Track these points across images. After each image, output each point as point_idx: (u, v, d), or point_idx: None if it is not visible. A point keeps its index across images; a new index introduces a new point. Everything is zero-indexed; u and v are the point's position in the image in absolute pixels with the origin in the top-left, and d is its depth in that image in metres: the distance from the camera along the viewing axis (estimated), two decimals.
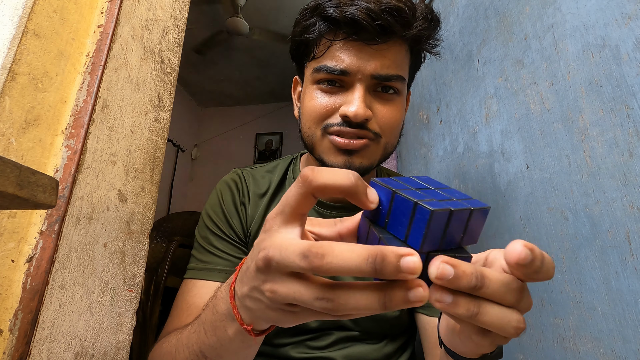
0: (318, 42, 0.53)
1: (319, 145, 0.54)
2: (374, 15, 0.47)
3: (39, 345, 0.38)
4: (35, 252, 0.40)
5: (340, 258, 0.21)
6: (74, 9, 0.47)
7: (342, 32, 0.50)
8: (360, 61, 0.50)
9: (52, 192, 0.26)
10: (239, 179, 0.65)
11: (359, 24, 0.48)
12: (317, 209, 0.62)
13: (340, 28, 0.50)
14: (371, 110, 0.51)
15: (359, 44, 0.50)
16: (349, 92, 0.51)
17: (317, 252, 0.21)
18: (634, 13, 0.48)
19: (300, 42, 0.55)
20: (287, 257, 0.22)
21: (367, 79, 0.50)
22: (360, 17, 0.47)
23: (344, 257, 0.21)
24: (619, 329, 0.47)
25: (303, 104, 0.56)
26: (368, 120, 0.51)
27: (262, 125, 3.98)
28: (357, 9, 0.47)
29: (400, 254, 0.20)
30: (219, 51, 3.12)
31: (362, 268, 0.20)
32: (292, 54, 0.59)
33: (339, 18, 0.48)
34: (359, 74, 0.50)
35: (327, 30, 0.51)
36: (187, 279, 0.59)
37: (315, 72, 0.53)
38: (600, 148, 0.51)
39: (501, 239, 0.72)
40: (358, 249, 0.21)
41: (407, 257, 0.20)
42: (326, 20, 0.51)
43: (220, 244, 0.60)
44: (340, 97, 0.52)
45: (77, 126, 0.44)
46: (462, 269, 0.21)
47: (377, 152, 0.54)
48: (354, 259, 0.21)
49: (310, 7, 0.53)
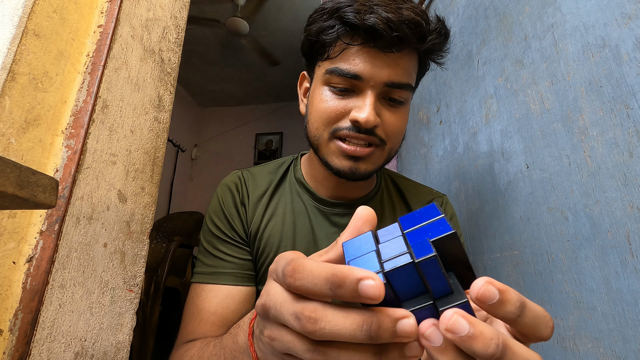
0: (334, 44, 0.53)
1: (325, 147, 0.55)
2: (393, 26, 0.48)
3: (39, 345, 0.38)
4: (35, 252, 0.40)
5: (333, 324, 0.20)
6: (74, 9, 0.47)
7: (359, 38, 0.51)
8: (374, 68, 0.51)
9: (52, 192, 0.26)
10: (239, 180, 0.65)
11: (377, 33, 0.48)
12: (317, 207, 0.63)
13: (358, 34, 0.51)
14: (379, 117, 0.52)
15: (374, 51, 0.50)
16: (359, 98, 0.52)
17: (309, 317, 0.21)
18: (634, 13, 0.48)
19: (316, 41, 0.55)
20: (282, 314, 0.22)
21: (380, 86, 0.51)
22: (380, 27, 0.48)
23: (338, 324, 0.20)
24: (619, 329, 0.47)
25: (312, 103, 0.57)
26: (376, 127, 0.52)
27: (262, 125, 3.98)
28: (377, 18, 0.48)
29: (396, 318, 0.19)
30: (219, 51, 3.12)
31: (357, 336, 0.20)
32: (303, 50, 0.60)
33: (359, 24, 0.49)
34: (372, 80, 0.51)
35: (345, 33, 0.52)
36: (195, 284, 0.60)
37: (327, 73, 0.53)
38: (600, 148, 0.51)
39: (501, 239, 0.72)
40: (353, 316, 0.20)
41: (404, 321, 0.19)
42: (345, 25, 0.51)
43: (225, 247, 0.60)
44: (351, 102, 0.53)
45: (77, 126, 0.44)
46: (479, 329, 0.18)
47: (381, 157, 0.56)
48: (348, 326, 0.20)
49: (329, 8, 0.53)
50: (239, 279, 0.59)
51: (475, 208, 0.82)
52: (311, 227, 0.62)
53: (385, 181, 0.69)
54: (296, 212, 0.63)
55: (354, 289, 0.19)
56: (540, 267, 0.61)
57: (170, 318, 1.73)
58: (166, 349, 0.60)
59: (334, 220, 0.62)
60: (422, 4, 1.17)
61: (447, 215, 0.66)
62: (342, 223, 0.62)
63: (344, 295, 0.20)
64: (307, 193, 0.64)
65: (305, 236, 0.61)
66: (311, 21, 0.56)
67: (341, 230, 0.62)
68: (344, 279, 0.20)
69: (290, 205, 0.63)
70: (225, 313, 0.56)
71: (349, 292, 0.19)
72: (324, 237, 0.61)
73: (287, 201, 0.64)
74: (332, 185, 0.62)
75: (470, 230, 0.83)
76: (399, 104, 0.54)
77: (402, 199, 0.68)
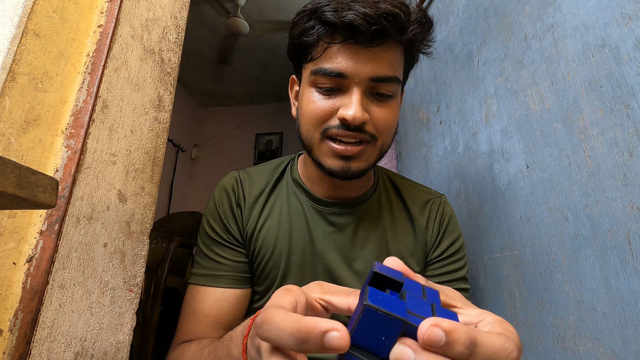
0: (316, 45, 0.54)
1: (317, 148, 0.55)
2: (371, 20, 0.48)
3: (39, 345, 0.38)
4: (35, 252, 0.40)
5: (274, 326, 0.21)
6: (74, 9, 0.47)
7: (339, 36, 0.51)
8: (357, 64, 0.51)
9: (52, 192, 0.26)
10: (235, 181, 0.65)
11: (356, 29, 0.49)
12: (314, 206, 0.62)
13: (337, 32, 0.51)
14: (368, 113, 0.52)
15: (356, 47, 0.51)
16: (346, 95, 0.52)
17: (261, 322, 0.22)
18: (634, 13, 0.48)
19: (299, 44, 0.56)
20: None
21: (365, 81, 0.51)
22: (358, 22, 0.48)
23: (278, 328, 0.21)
24: (619, 329, 0.47)
25: (301, 106, 0.57)
26: (365, 123, 0.52)
27: (262, 125, 3.98)
28: (355, 14, 0.48)
29: (323, 330, 0.20)
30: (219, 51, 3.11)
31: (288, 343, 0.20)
32: (289, 54, 0.60)
33: (337, 22, 0.49)
34: (356, 77, 0.51)
35: (325, 33, 0.52)
36: (191, 285, 0.61)
37: (312, 75, 0.54)
38: (600, 148, 0.51)
39: (501, 239, 0.72)
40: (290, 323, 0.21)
41: (331, 333, 0.19)
42: (324, 24, 0.52)
43: (220, 250, 0.61)
44: (338, 100, 0.53)
45: (77, 126, 0.44)
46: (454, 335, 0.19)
47: (373, 153, 0.56)
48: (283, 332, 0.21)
49: (308, 10, 0.54)
50: (233, 282, 0.59)
51: (475, 208, 0.82)
52: (308, 227, 0.62)
53: (383, 180, 0.69)
54: (292, 212, 0.63)
55: (320, 342, 0.19)
56: (540, 267, 0.61)
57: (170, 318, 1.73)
58: (166, 349, 0.60)
59: (331, 220, 0.62)
60: (422, 4, 1.17)
61: (446, 216, 0.66)
62: (339, 222, 0.62)
63: (311, 349, 0.20)
64: (304, 193, 0.64)
65: (302, 236, 0.61)
66: (293, 25, 0.57)
67: (338, 230, 0.62)
68: (309, 334, 0.20)
69: (287, 206, 0.63)
70: (219, 315, 0.57)
71: (315, 346, 0.20)
72: (321, 236, 0.61)
73: (284, 201, 0.64)
74: (328, 186, 0.62)
75: (470, 230, 0.83)
76: (387, 97, 0.54)
77: (399, 198, 0.68)
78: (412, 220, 0.65)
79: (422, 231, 0.64)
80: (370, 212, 0.64)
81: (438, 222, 0.64)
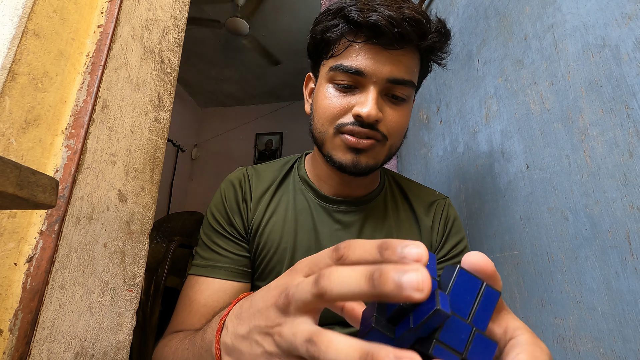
0: (338, 42, 0.55)
1: (330, 142, 0.57)
2: (395, 23, 0.50)
3: (39, 345, 0.38)
4: (35, 252, 0.40)
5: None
6: (74, 9, 0.47)
7: (362, 35, 0.53)
8: (376, 64, 0.52)
9: (52, 192, 0.26)
10: (243, 176, 0.66)
11: (379, 30, 0.50)
12: (320, 204, 0.63)
13: (361, 31, 0.52)
14: (382, 113, 0.54)
15: (377, 47, 0.52)
16: (362, 93, 0.54)
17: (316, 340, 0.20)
18: (634, 13, 0.48)
19: (321, 40, 0.57)
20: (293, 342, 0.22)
21: (382, 82, 0.53)
22: (382, 24, 0.50)
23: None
24: (619, 329, 0.47)
25: (316, 101, 0.58)
26: (379, 121, 0.53)
27: (262, 125, 3.98)
28: (380, 15, 0.50)
29: (397, 356, 0.18)
30: (219, 51, 3.12)
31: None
32: (309, 50, 0.62)
33: (361, 22, 0.51)
34: (374, 76, 0.52)
35: (348, 31, 0.54)
36: (191, 275, 0.61)
37: (331, 70, 0.55)
38: (600, 148, 0.51)
39: (501, 239, 0.72)
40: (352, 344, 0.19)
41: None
42: (349, 23, 0.53)
43: (222, 241, 0.61)
44: (354, 98, 0.54)
45: (77, 126, 0.44)
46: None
47: (382, 152, 0.57)
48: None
49: (334, 9, 0.56)
50: (232, 274, 0.59)
51: (475, 208, 0.82)
52: (314, 224, 0.62)
53: (389, 181, 0.70)
54: (298, 209, 0.63)
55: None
56: (540, 267, 0.61)
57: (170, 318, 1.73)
58: None
59: (337, 218, 0.62)
60: (422, 4, 1.17)
61: (450, 218, 0.66)
62: (345, 220, 0.62)
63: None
64: (311, 190, 0.64)
65: (307, 233, 0.61)
66: (317, 22, 0.59)
67: (344, 228, 0.62)
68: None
69: (293, 203, 0.64)
70: (215, 306, 0.57)
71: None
72: (326, 234, 0.62)
73: (290, 198, 0.64)
74: (335, 183, 0.62)
75: (470, 230, 0.83)
76: (401, 100, 0.55)
77: (405, 199, 0.68)
78: (417, 220, 0.65)
79: (427, 232, 0.65)
80: (376, 212, 0.64)
81: (443, 224, 0.65)
